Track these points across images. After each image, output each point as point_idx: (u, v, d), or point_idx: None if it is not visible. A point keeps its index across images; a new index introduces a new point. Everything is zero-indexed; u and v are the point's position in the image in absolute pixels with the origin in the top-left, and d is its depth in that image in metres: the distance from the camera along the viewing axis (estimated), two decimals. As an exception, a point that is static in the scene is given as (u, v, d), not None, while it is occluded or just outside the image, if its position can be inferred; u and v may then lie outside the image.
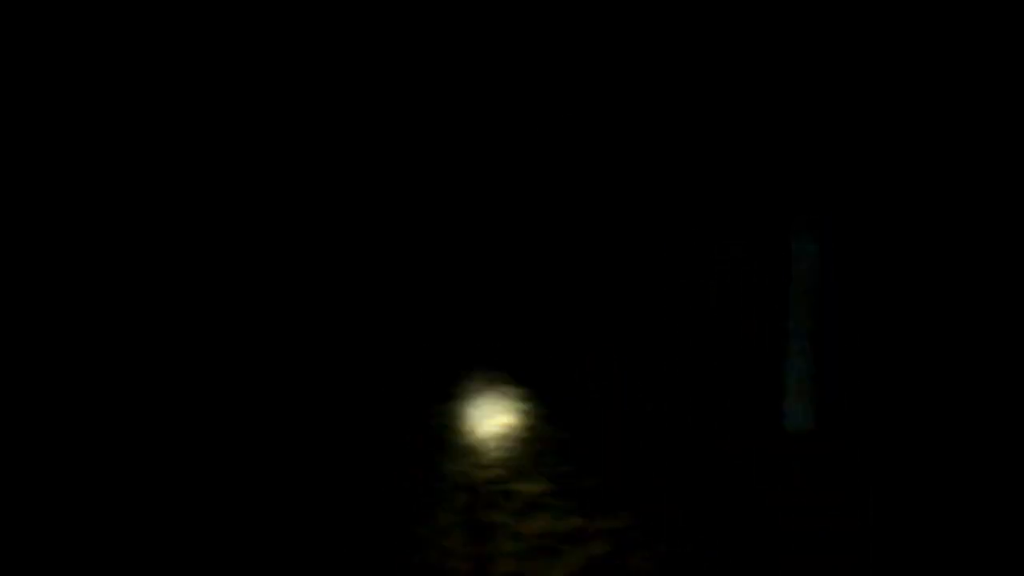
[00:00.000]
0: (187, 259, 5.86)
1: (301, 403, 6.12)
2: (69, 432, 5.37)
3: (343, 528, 4.55)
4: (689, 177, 5.58)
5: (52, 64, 5.43)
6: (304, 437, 5.93)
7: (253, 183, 5.97)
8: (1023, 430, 4.16)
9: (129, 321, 5.72)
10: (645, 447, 5.92)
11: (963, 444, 4.44)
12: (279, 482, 5.22)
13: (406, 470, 5.41)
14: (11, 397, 5.23)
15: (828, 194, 4.81)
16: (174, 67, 5.66)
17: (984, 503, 4.34)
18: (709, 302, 5.81)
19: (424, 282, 6.61)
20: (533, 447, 6.03)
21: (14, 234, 5.33)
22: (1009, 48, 4.04)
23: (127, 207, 5.70)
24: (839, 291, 5.20)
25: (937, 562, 3.86)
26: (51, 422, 5.36)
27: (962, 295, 4.34)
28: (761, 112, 4.88)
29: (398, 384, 6.58)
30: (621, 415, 6.27)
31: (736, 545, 4.21)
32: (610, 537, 4.41)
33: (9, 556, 4.03)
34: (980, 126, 4.21)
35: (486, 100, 6.04)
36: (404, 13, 5.67)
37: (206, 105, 5.79)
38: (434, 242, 6.55)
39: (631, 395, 6.54)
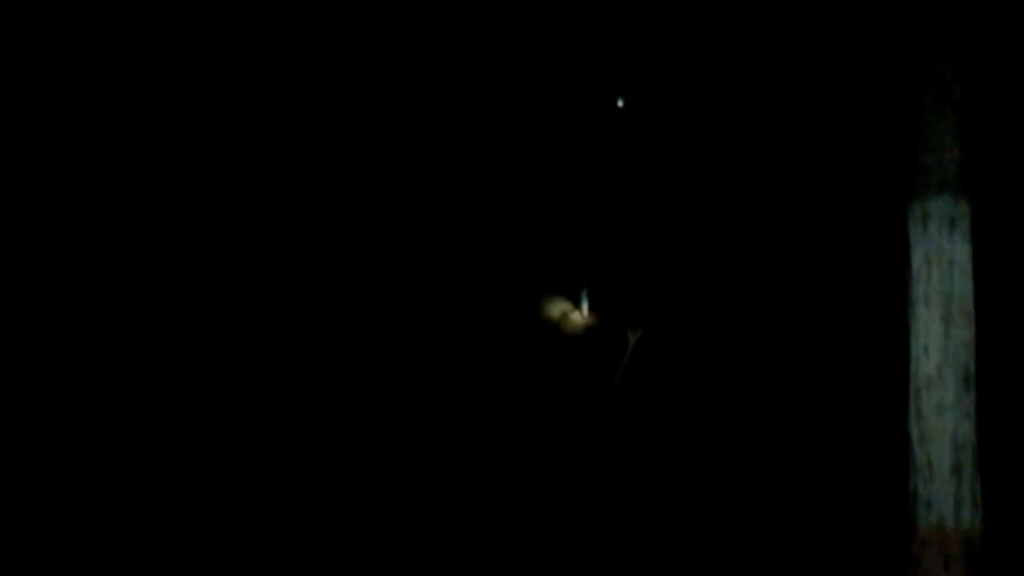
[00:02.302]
0: (188, 259, 5.85)
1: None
2: (68, 432, 5.36)
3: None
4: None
5: (52, 64, 5.43)
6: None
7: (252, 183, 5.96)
8: None
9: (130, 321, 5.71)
10: (647, 448, 5.91)
11: None
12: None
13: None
14: (11, 397, 5.23)
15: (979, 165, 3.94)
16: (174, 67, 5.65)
17: None
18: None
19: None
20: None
21: (14, 234, 5.32)
22: None
23: (127, 207, 5.69)
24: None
25: None
26: (50, 422, 5.35)
27: None
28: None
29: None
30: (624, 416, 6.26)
31: (736, 545, 4.19)
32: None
33: (9, 556, 4.02)
34: None
35: (492, 97, 6.02)
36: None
37: (206, 105, 5.78)
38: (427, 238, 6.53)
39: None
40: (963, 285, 3.38)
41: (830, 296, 5.72)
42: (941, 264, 3.38)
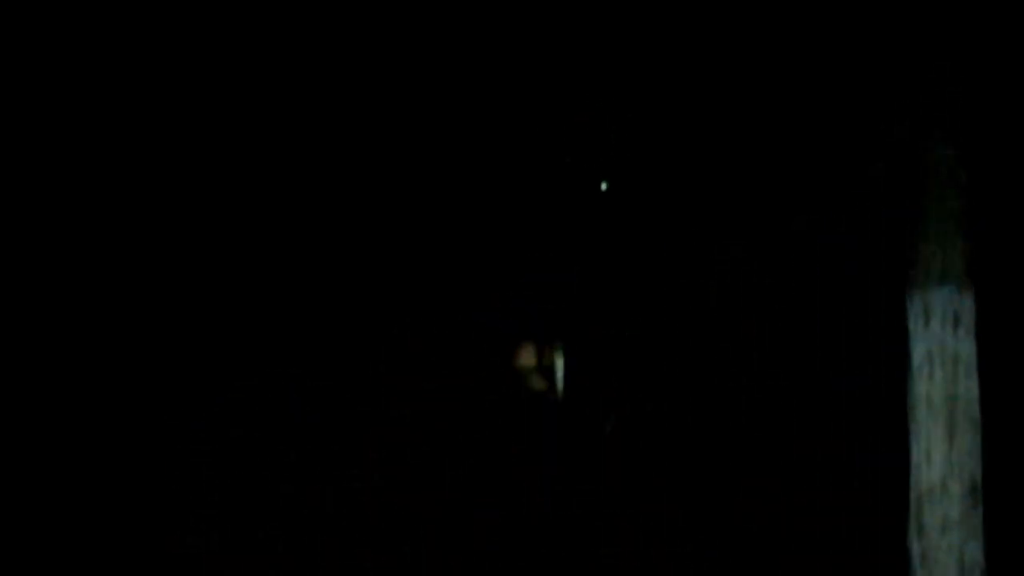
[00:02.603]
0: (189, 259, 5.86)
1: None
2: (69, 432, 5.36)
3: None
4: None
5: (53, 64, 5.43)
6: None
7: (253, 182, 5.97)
8: None
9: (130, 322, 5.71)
10: (647, 448, 5.91)
11: None
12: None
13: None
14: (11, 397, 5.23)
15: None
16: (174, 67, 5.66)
17: None
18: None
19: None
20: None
21: (14, 234, 5.33)
22: None
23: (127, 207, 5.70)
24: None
25: None
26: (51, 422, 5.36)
27: None
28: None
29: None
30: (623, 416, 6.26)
31: (736, 545, 4.19)
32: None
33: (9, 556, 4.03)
34: None
35: (494, 98, 6.02)
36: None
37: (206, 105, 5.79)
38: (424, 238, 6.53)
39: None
40: (968, 386, 3.06)
41: (830, 296, 5.72)
42: (944, 363, 3.04)
